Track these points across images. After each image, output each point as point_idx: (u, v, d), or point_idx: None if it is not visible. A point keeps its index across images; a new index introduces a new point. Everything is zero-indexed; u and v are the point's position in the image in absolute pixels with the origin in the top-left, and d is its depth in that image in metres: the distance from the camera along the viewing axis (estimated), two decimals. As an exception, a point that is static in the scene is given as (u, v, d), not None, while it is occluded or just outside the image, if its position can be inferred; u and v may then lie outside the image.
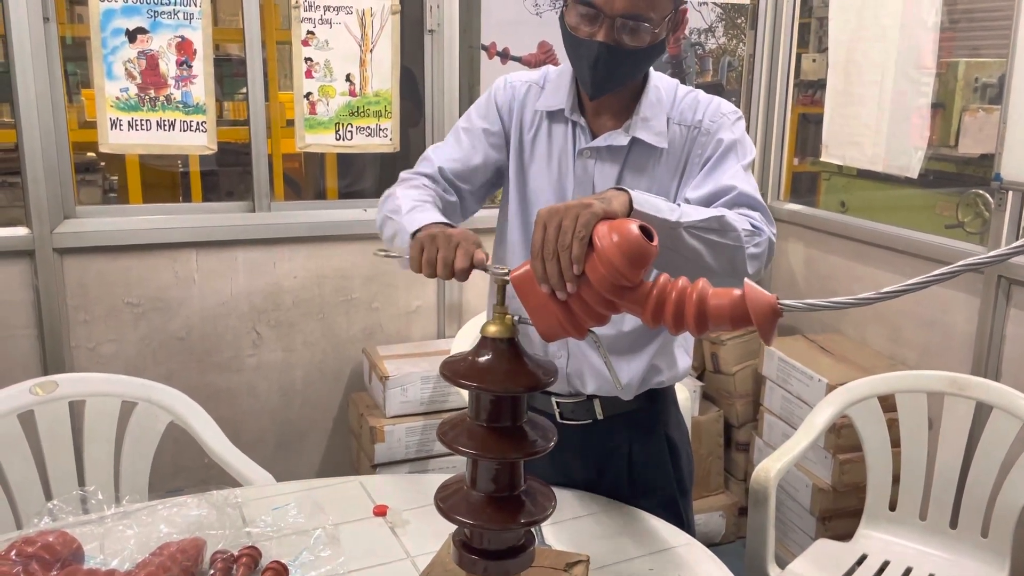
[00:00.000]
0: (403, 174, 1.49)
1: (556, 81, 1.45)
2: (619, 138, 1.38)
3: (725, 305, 0.95)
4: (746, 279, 0.98)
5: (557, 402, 1.51)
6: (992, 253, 0.81)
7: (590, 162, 1.41)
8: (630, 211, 1.07)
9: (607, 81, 1.33)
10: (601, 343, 1.08)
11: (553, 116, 1.44)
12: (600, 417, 1.50)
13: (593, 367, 1.47)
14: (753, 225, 1.24)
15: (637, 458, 1.53)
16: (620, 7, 1.26)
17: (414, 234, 1.23)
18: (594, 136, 1.41)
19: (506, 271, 1.06)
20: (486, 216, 1.67)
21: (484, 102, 1.50)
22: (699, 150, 1.38)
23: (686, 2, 1.37)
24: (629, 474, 1.53)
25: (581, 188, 1.41)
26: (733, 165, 1.35)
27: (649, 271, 1.01)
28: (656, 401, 1.53)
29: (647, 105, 1.39)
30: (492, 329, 1.06)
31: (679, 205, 1.19)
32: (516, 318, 1.07)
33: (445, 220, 1.26)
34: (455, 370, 1.05)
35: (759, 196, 1.31)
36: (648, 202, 1.11)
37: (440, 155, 1.48)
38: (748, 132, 3.13)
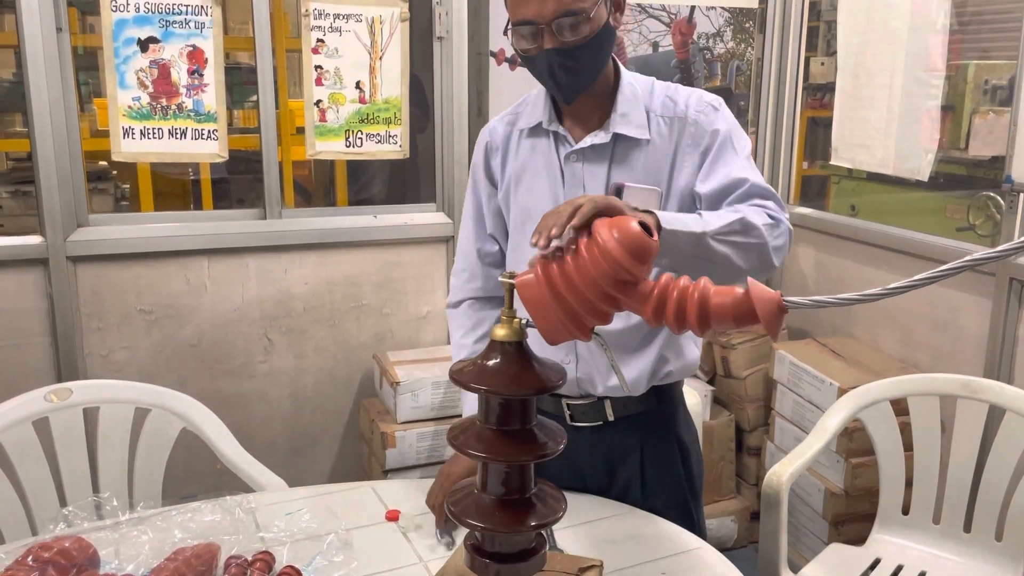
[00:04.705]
0: (451, 278, 1.64)
1: (533, 101, 1.51)
2: (601, 136, 1.42)
3: (727, 303, 0.96)
4: (749, 278, 0.99)
5: (567, 404, 1.52)
6: (998, 248, 0.81)
7: (577, 165, 1.44)
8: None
9: (573, 81, 1.37)
10: (607, 344, 1.08)
11: (534, 132, 1.49)
12: (611, 419, 1.51)
13: (602, 371, 1.48)
14: (771, 216, 1.29)
15: (648, 459, 1.54)
16: (550, 11, 1.30)
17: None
18: (575, 143, 1.45)
19: (511, 275, 1.07)
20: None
21: (478, 153, 1.59)
22: (689, 140, 1.41)
23: None
24: (641, 475, 1.54)
25: (573, 191, 1.45)
26: (737, 157, 1.39)
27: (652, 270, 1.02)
28: (665, 401, 1.54)
29: (623, 101, 1.43)
30: (501, 333, 1.07)
31: (700, 215, 1.23)
32: (524, 321, 1.07)
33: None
34: (465, 374, 1.06)
35: (768, 184, 1.36)
36: (676, 219, 1.16)
37: (466, 237, 1.61)
38: (757, 136, 3.17)
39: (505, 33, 1.38)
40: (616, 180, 1.42)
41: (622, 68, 1.46)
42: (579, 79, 1.37)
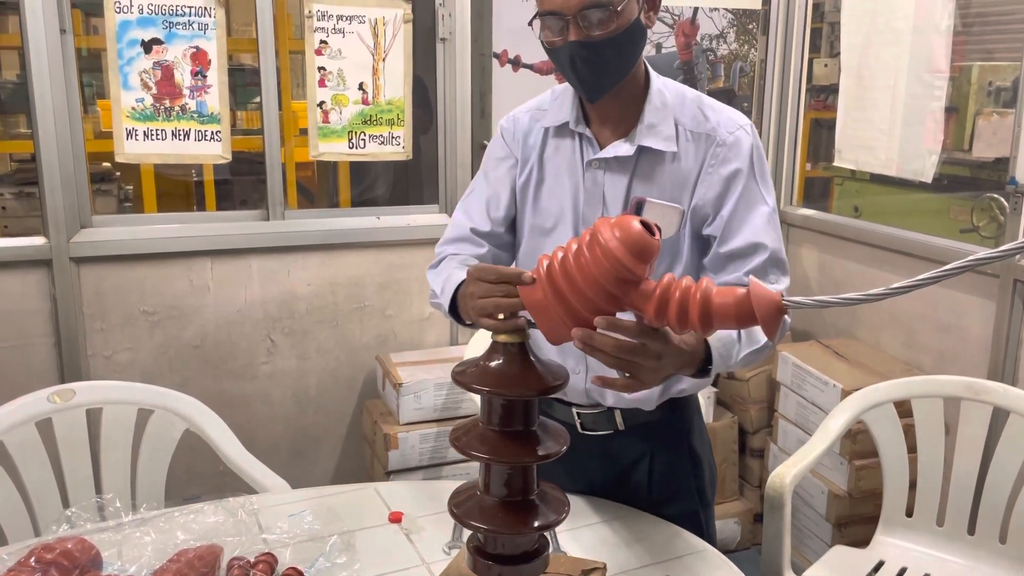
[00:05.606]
0: (437, 247, 1.53)
1: (560, 98, 1.46)
2: (625, 148, 1.37)
3: (730, 304, 0.95)
4: (751, 276, 0.99)
5: (578, 413, 1.50)
6: (1000, 249, 0.81)
7: (599, 173, 1.40)
8: (703, 373, 1.23)
9: (597, 78, 1.32)
10: None
11: (559, 131, 1.44)
12: (621, 428, 1.49)
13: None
14: None
15: (658, 469, 1.51)
16: (576, 2, 1.26)
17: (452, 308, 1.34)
18: (601, 147, 1.40)
19: None
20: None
21: (496, 139, 1.53)
22: (714, 160, 1.37)
23: None
24: (649, 485, 1.52)
25: (592, 199, 1.40)
26: (762, 210, 1.36)
27: (654, 271, 1.01)
28: (678, 411, 1.51)
29: (651, 111, 1.38)
30: (503, 334, 1.07)
31: (739, 339, 1.28)
32: (526, 322, 1.07)
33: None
34: (467, 375, 1.06)
35: (782, 246, 1.36)
36: (719, 362, 1.24)
37: (466, 214, 1.51)
38: (760, 138, 3.16)
39: (530, 24, 1.33)
40: (637, 194, 1.37)
41: (653, 73, 1.41)
42: (604, 76, 1.32)
